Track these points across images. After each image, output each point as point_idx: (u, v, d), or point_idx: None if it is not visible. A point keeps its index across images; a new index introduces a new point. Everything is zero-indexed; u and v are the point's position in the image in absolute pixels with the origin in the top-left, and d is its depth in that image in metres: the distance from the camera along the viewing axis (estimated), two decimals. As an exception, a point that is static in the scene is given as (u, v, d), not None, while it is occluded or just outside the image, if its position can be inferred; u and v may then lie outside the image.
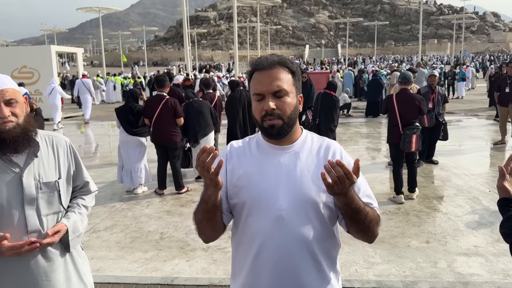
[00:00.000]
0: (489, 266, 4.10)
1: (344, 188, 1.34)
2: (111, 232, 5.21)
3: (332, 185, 1.33)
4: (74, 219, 2.06)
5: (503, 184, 1.61)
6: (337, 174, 1.31)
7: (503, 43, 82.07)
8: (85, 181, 2.21)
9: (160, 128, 6.44)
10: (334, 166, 1.32)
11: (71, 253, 2.08)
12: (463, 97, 20.48)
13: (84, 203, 2.17)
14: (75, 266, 2.11)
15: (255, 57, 1.67)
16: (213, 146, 1.35)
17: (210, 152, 1.34)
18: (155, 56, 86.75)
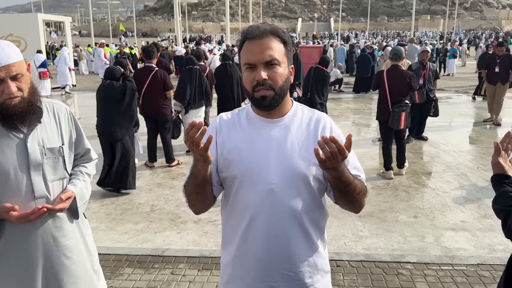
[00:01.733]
0: (475, 241, 4.19)
1: (336, 163, 1.35)
2: (101, 204, 5.20)
3: (325, 160, 1.34)
4: (80, 186, 2.08)
5: (498, 160, 1.62)
6: (330, 150, 1.31)
7: (496, 20, 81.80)
8: (86, 148, 2.21)
9: (149, 101, 6.35)
10: (328, 143, 1.31)
11: (77, 221, 2.10)
12: (454, 74, 20.52)
13: (87, 171, 2.18)
14: (81, 234, 2.14)
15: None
16: (202, 122, 1.33)
17: (199, 128, 1.32)
18: (145, 27, 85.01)
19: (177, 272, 3.65)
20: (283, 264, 1.54)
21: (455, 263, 3.77)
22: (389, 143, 6.15)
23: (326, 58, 8.33)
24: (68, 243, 2.02)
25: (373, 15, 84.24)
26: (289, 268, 1.54)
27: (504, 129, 9.18)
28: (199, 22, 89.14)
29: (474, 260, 3.81)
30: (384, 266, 3.72)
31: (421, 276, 3.56)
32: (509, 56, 9.73)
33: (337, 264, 3.76)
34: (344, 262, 3.79)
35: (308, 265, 1.57)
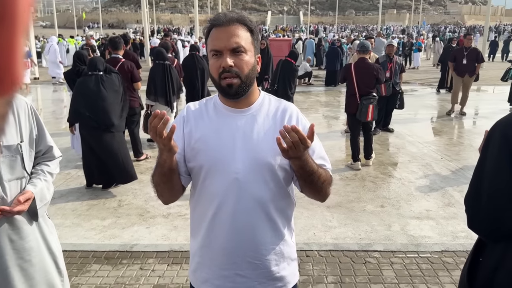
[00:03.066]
0: (439, 228, 4.32)
1: (299, 152, 1.36)
2: (67, 199, 5.06)
3: (287, 149, 1.35)
4: (40, 186, 1.98)
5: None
6: (292, 139, 1.32)
7: (459, 15, 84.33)
8: (48, 145, 2.11)
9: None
10: (289, 132, 1.32)
11: (38, 221, 2.01)
12: (419, 67, 21.04)
13: (49, 170, 2.08)
14: (42, 235, 2.05)
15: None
16: (164, 111, 1.32)
17: (161, 118, 1.32)
18: (111, 18, 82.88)
19: (146, 267, 3.60)
20: (249, 252, 1.55)
21: (420, 250, 3.89)
22: (356, 135, 6.26)
23: (295, 51, 8.40)
24: (27, 245, 1.94)
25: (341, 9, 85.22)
26: (255, 256, 1.56)
27: (467, 120, 9.51)
28: (167, 14, 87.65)
29: (438, 247, 3.94)
30: (352, 255, 3.79)
31: (388, 264, 3.65)
32: (476, 49, 10.05)
33: (307, 254, 3.80)
34: (314, 252, 3.84)
35: (275, 253, 1.59)
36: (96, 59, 5.33)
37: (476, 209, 1.40)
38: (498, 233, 1.36)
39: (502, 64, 17.03)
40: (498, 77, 10.15)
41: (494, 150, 1.35)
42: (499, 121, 1.39)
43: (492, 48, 25.24)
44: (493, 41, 26.43)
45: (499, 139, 1.34)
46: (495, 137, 1.36)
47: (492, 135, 1.38)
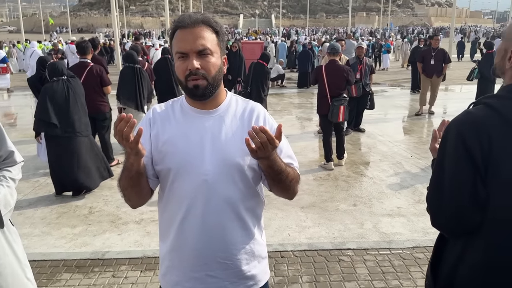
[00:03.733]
0: (410, 225, 4.41)
1: (267, 152, 1.37)
2: (35, 208, 4.92)
3: (256, 150, 1.36)
4: (4, 192, 1.92)
5: (434, 146, 1.73)
6: (260, 140, 1.34)
7: (426, 17, 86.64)
8: (9, 151, 2.04)
9: (86, 98, 6.05)
10: (258, 132, 1.33)
11: (2, 229, 1.94)
12: (388, 68, 21.48)
13: (11, 176, 2.01)
14: (8, 242, 1.99)
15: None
16: (130, 114, 1.30)
17: (127, 121, 1.30)
18: (80, 22, 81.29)
19: (119, 274, 3.53)
20: (220, 253, 1.55)
21: (392, 247, 3.96)
22: (329, 135, 6.33)
23: (267, 53, 8.43)
24: None
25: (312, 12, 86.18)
26: (225, 256, 1.55)
27: (436, 119, 9.76)
28: (138, 17, 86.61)
29: (410, 244, 4.02)
30: (326, 254, 3.82)
31: (361, 262, 3.70)
32: (443, 50, 10.30)
33: (282, 255, 3.81)
34: (288, 253, 3.85)
35: (245, 253, 1.59)
36: (58, 64, 5.22)
37: (438, 207, 1.43)
38: (460, 229, 1.40)
39: (469, 64, 17.57)
40: (464, 77, 10.44)
41: (451, 148, 1.38)
42: (453, 119, 1.43)
43: (460, 48, 26.00)
44: (460, 42, 27.24)
45: (455, 137, 1.37)
46: (451, 135, 1.39)
47: (448, 134, 1.41)
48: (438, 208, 1.43)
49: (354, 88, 7.69)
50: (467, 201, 1.34)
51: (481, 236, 1.36)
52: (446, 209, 1.39)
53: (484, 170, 1.32)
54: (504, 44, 1.45)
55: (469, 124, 1.36)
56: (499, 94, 1.42)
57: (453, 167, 1.37)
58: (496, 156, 1.31)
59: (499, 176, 1.31)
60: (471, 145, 1.32)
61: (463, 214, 1.36)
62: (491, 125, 1.33)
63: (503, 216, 1.33)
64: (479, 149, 1.31)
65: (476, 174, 1.33)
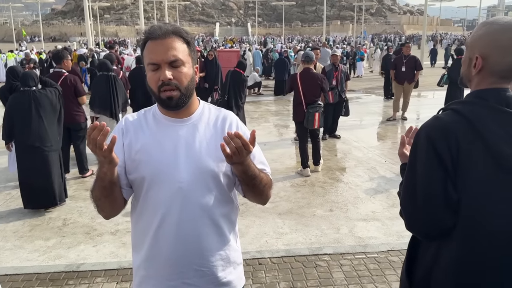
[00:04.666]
0: (385, 229, 4.50)
1: (242, 157, 1.40)
2: (7, 221, 4.80)
3: (231, 155, 1.38)
4: None
5: (403, 151, 1.78)
6: (235, 145, 1.37)
7: (398, 25, 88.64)
8: None
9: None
10: (233, 138, 1.36)
11: None
12: (362, 75, 21.87)
13: None
14: None
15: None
16: (104, 123, 1.30)
17: (101, 129, 1.31)
18: (53, 31, 79.88)
19: (94, 286, 3.48)
20: (196, 260, 1.55)
21: (368, 251, 4.02)
22: (305, 142, 6.40)
23: (243, 61, 8.48)
24: None
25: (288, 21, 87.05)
26: (201, 263, 1.56)
27: (409, 124, 9.98)
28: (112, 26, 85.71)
29: (385, 247, 4.09)
30: (303, 260, 3.86)
31: (338, 266, 3.75)
32: (414, 57, 10.56)
33: (259, 262, 3.83)
34: (266, 260, 3.87)
35: (221, 259, 1.60)
36: (26, 74, 5.12)
37: (412, 211, 1.46)
38: (434, 232, 1.43)
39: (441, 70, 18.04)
40: (436, 83, 10.72)
41: (422, 153, 1.42)
42: (423, 125, 1.48)
43: (433, 55, 26.72)
44: (433, 49, 27.99)
45: (425, 141, 1.42)
46: (421, 140, 1.43)
47: (418, 139, 1.45)
48: (411, 212, 1.46)
49: (331, 94, 7.83)
50: (439, 203, 1.38)
51: (453, 238, 1.40)
52: (420, 213, 1.42)
53: (453, 173, 1.36)
54: (468, 53, 1.51)
55: (438, 129, 1.41)
56: (466, 100, 1.48)
57: (425, 171, 1.41)
58: (463, 159, 1.36)
59: (467, 178, 1.36)
60: (441, 149, 1.37)
61: (436, 217, 1.40)
62: (459, 130, 1.38)
63: (473, 218, 1.37)
64: (448, 153, 1.36)
65: (447, 177, 1.37)
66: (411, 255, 1.60)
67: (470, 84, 1.54)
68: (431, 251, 1.48)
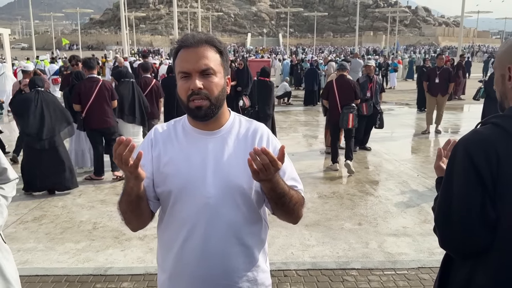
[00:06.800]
0: (416, 245, 4.36)
1: (269, 174, 1.32)
2: (40, 223, 4.93)
3: (258, 171, 1.31)
4: None
5: (439, 164, 1.72)
6: (262, 161, 1.28)
7: (433, 36, 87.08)
8: (2, 167, 2.04)
9: (97, 112, 6.20)
10: (260, 154, 1.28)
11: None
12: (395, 87, 21.52)
13: (3, 193, 1.99)
14: None
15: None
16: (130, 138, 1.27)
17: (126, 145, 1.25)
18: (91, 40, 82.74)
19: (121, 291, 3.51)
20: (221, 280, 1.49)
21: (397, 267, 3.90)
22: (337, 140, 7.13)
23: (266, 68, 8.50)
24: None
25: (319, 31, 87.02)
26: (227, 284, 1.50)
27: (443, 138, 9.71)
28: (147, 35, 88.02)
29: (415, 264, 3.96)
30: (330, 274, 3.77)
31: (365, 282, 3.65)
32: (448, 68, 10.30)
33: (285, 274, 3.77)
34: (292, 272, 3.81)
35: (247, 280, 1.53)
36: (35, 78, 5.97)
37: (446, 228, 1.40)
38: (469, 250, 1.36)
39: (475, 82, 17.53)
40: (471, 96, 10.41)
41: (459, 168, 1.36)
42: (461, 138, 1.41)
43: (467, 67, 26.04)
44: (467, 61, 27.30)
45: (462, 156, 1.35)
46: (459, 154, 1.37)
47: (456, 153, 1.39)
48: (446, 229, 1.39)
49: (365, 106, 7.73)
50: (476, 221, 1.31)
51: (491, 257, 1.33)
52: (455, 230, 1.36)
53: (493, 189, 1.30)
54: (499, 71, 1.46)
55: (477, 143, 1.34)
56: (506, 114, 1.41)
57: (462, 186, 1.34)
58: (505, 175, 1.28)
59: (507, 195, 1.29)
60: (479, 164, 1.30)
61: (472, 235, 1.33)
62: (499, 144, 1.31)
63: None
64: (488, 168, 1.29)
65: (485, 194, 1.30)
66: (444, 273, 1.53)
67: (507, 102, 1.47)
68: (466, 270, 1.40)
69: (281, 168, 1.36)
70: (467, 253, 1.38)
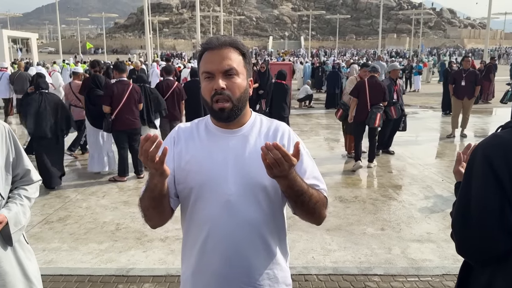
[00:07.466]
0: (440, 251, 4.26)
1: (284, 170, 1.31)
2: (65, 223, 5.03)
3: (271, 166, 1.30)
4: (15, 210, 1.94)
5: (458, 169, 1.69)
6: (274, 156, 1.28)
7: (458, 38, 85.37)
8: (26, 169, 2.08)
9: (126, 114, 6.38)
10: (271, 149, 1.28)
11: (13, 246, 1.97)
12: (419, 90, 21.17)
13: (26, 194, 2.04)
14: (17, 260, 2.00)
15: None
16: (157, 134, 1.29)
17: (153, 141, 1.28)
18: (115, 44, 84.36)
19: (142, 292, 3.54)
20: (242, 277, 1.50)
21: (421, 274, 3.82)
22: (360, 139, 7.23)
23: (283, 71, 8.50)
24: (0, 270, 1.90)
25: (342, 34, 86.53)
26: (248, 281, 1.51)
27: (468, 142, 9.48)
28: (170, 39, 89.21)
29: (439, 271, 3.87)
30: (352, 279, 3.72)
31: (388, 288, 3.58)
32: (475, 71, 10.04)
33: (306, 279, 3.74)
34: (313, 276, 3.77)
35: (268, 278, 1.54)
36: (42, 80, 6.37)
37: (464, 233, 1.37)
38: (487, 257, 1.33)
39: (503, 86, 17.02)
40: (498, 99, 10.15)
41: (477, 171, 1.32)
42: (480, 142, 1.38)
43: (493, 70, 25.40)
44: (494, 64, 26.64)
45: (481, 160, 1.32)
46: (478, 159, 1.34)
47: (475, 157, 1.35)
48: (463, 235, 1.37)
49: (394, 109, 7.65)
50: (495, 225, 1.27)
51: (510, 263, 1.29)
52: (472, 236, 1.33)
53: None
54: None
55: (497, 147, 1.31)
56: None
57: (480, 190, 1.31)
58: None
59: None
60: (499, 168, 1.27)
61: (490, 241, 1.29)
62: None
63: None
64: (507, 172, 1.26)
65: (504, 198, 1.26)
66: (463, 280, 1.50)
67: None
68: (485, 277, 1.37)
69: (302, 166, 1.40)
70: (485, 259, 1.35)
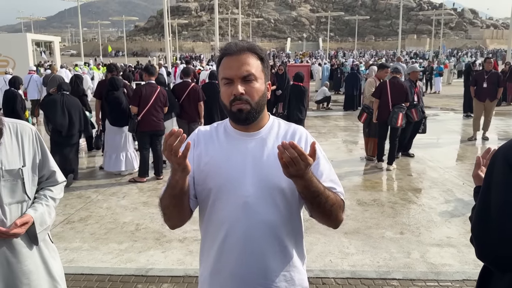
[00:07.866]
0: (460, 256, 4.19)
1: (300, 170, 1.33)
2: (86, 223, 5.13)
3: (287, 165, 1.32)
4: (41, 211, 2.00)
5: (478, 173, 1.67)
6: (290, 155, 1.30)
7: (480, 39, 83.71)
8: (51, 170, 2.14)
9: (151, 116, 6.55)
10: (288, 148, 1.30)
11: (38, 246, 2.03)
12: (440, 92, 20.85)
13: (51, 195, 2.10)
14: (42, 259, 2.06)
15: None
16: (181, 129, 1.32)
17: (178, 136, 1.31)
18: (135, 47, 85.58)
19: (161, 292, 3.59)
20: (260, 279, 1.52)
21: (441, 279, 3.76)
22: (383, 139, 7.34)
23: (300, 73, 8.49)
24: (25, 268, 1.96)
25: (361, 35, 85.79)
26: (264, 283, 1.52)
27: (491, 145, 9.30)
28: (189, 42, 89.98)
29: (460, 276, 3.81)
30: (370, 283, 3.69)
31: (407, 293, 3.54)
32: (497, 72, 9.83)
33: (323, 282, 3.72)
34: (330, 280, 3.76)
35: (285, 280, 1.55)
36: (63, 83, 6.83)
37: (484, 238, 1.34)
38: (507, 263, 1.31)
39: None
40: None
41: (498, 175, 1.30)
42: (501, 146, 1.36)
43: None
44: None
45: (502, 163, 1.30)
46: (498, 162, 1.32)
47: (495, 161, 1.33)
48: (483, 240, 1.35)
49: (415, 112, 7.54)
50: None
51: None
52: (493, 241, 1.31)
53: None
54: None
55: None
56: None
57: (500, 194, 1.29)
58: None
59: None
60: None
61: (511, 246, 1.28)
62: None
63: None
64: None
65: None
66: (482, 286, 1.47)
67: None
68: (505, 282, 1.34)
69: (319, 168, 1.44)
70: (505, 264, 1.32)
